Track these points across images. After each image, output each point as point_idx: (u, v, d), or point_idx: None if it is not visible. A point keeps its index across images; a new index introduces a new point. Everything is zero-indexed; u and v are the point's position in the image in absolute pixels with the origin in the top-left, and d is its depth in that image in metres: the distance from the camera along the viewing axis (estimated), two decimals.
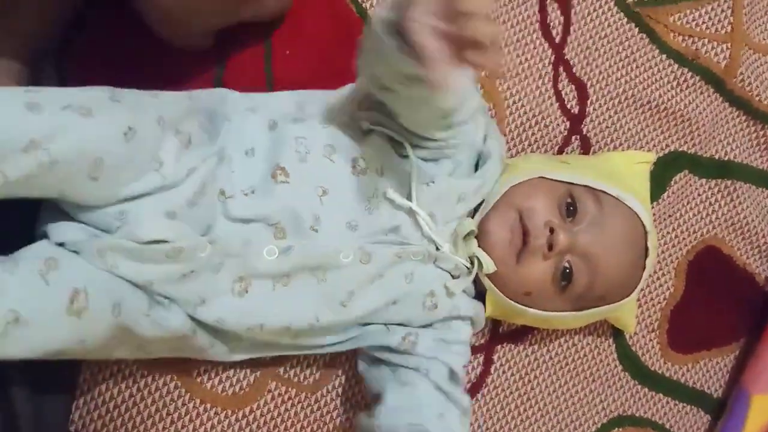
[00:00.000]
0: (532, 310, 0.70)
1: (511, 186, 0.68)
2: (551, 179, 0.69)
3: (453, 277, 0.67)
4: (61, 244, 0.53)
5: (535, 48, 0.82)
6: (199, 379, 0.69)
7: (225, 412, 0.70)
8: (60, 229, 0.54)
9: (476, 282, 0.70)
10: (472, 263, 0.67)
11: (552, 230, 0.65)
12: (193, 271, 0.57)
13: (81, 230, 0.54)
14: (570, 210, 0.68)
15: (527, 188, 0.68)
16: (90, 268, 0.53)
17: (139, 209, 0.54)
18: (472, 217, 0.68)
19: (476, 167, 0.68)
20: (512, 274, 0.67)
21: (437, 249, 0.65)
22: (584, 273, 0.67)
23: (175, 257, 0.55)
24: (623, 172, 0.75)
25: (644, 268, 0.71)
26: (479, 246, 0.66)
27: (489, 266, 0.66)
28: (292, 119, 0.64)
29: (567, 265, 0.67)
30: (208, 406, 0.70)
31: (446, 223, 0.66)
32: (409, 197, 0.63)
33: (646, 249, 0.71)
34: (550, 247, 0.65)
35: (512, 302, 0.69)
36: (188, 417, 0.69)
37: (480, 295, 0.71)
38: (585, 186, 0.69)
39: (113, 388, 0.67)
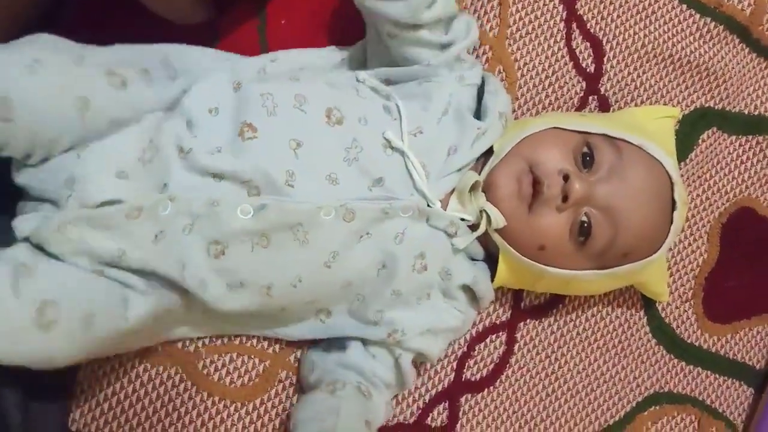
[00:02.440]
0: (549, 268, 0.65)
1: (522, 138, 0.64)
2: (566, 129, 0.65)
3: (448, 235, 0.62)
4: (27, 239, 0.52)
5: (545, 4, 0.78)
6: (205, 371, 0.66)
7: (234, 404, 0.66)
8: (21, 225, 0.53)
9: (487, 249, 0.66)
10: (481, 220, 0.63)
11: (566, 178, 0.61)
12: (162, 231, 0.54)
13: (37, 217, 0.53)
14: (587, 160, 0.63)
15: (539, 139, 0.64)
16: (64, 272, 0.51)
17: (86, 172, 0.52)
18: (480, 173, 0.64)
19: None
20: (524, 227, 0.62)
21: (429, 206, 0.61)
22: (604, 227, 0.63)
23: (136, 217, 0.53)
24: (645, 126, 0.70)
25: (672, 222, 0.66)
26: (488, 200, 0.62)
27: (498, 220, 0.62)
28: (257, 79, 0.61)
29: (585, 218, 0.62)
30: (216, 399, 0.66)
31: (439, 178, 0.62)
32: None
33: (673, 201, 0.66)
34: (565, 198, 0.61)
35: (527, 260, 0.64)
36: (195, 411, 0.65)
37: (491, 262, 0.67)
38: (603, 135, 0.65)
39: (114, 383, 0.64)
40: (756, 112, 0.84)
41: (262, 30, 0.70)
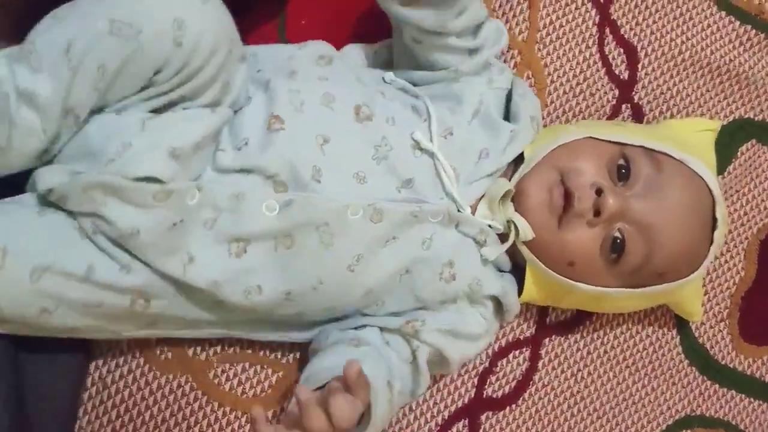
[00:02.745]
0: (579, 284, 0.61)
1: (555, 146, 0.61)
2: (601, 140, 0.62)
3: (477, 243, 0.60)
4: (50, 192, 0.51)
5: (577, 8, 0.75)
6: (216, 381, 0.64)
7: (246, 415, 0.64)
8: (45, 175, 0.51)
9: (514, 260, 0.63)
10: (509, 230, 0.60)
11: (599, 192, 0.58)
12: (182, 220, 0.52)
13: (63, 172, 0.51)
14: (622, 173, 0.60)
15: (573, 148, 0.61)
16: (27, 220, 0.50)
17: (144, 144, 0.51)
18: (510, 180, 0.61)
19: None
20: (553, 241, 0.59)
21: (459, 211, 0.58)
22: (639, 244, 0.60)
23: (163, 201, 0.51)
24: (684, 140, 0.66)
25: (712, 241, 0.62)
26: (516, 210, 0.59)
27: (526, 232, 0.59)
28: (286, 74, 0.59)
29: (618, 235, 0.59)
30: (227, 409, 0.64)
31: (469, 183, 0.60)
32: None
33: (714, 219, 0.62)
34: (597, 213, 0.58)
35: (556, 275, 0.61)
36: (206, 421, 0.63)
37: (518, 273, 0.64)
38: (641, 147, 0.61)
39: (123, 390, 0.62)
40: None
41: (282, 30, 0.68)
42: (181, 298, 0.54)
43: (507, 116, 0.64)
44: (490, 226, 0.60)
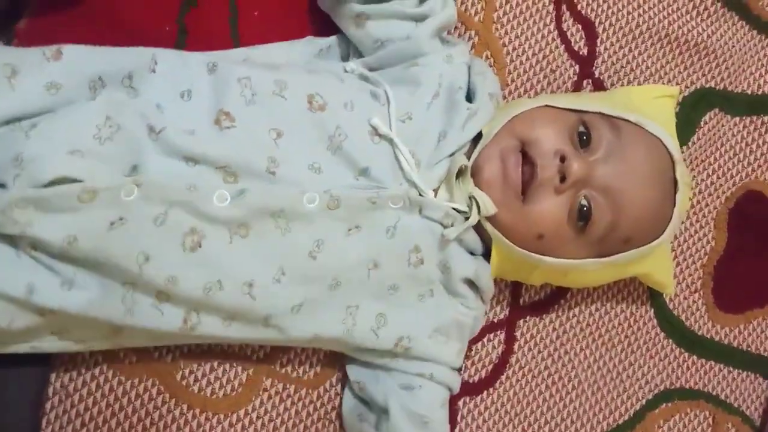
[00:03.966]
0: (546, 258, 0.60)
1: (511, 117, 0.60)
2: (559, 108, 0.61)
3: (444, 227, 0.58)
4: None
5: None
6: (184, 382, 0.62)
7: (217, 416, 0.63)
8: None
9: (485, 241, 0.62)
10: (470, 207, 0.59)
11: (563, 159, 0.57)
12: (122, 218, 0.50)
13: None
14: (583, 140, 0.60)
15: (531, 117, 0.60)
16: None
17: (35, 149, 0.49)
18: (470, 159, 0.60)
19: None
20: (519, 215, 0.58)
21: (420, 195, 0.57)
22: (605, 210, 0.59)
23: (90, 200, 0.49)
24: (643, 106, 0.66)
25: (675, 203, 0.62)
26: (476, 186, 0.58)
27: (487, 206, 0.58)
28: (236, 61, 0.57)
29: (584, 202, 0.59)
30: (197, 411, 0.62)
31: (430, 166, 0.58)
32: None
33: (675, 181, 0.62)
34: (563, 179, 0.57)
35: (522, 250, 0.60)
36: (175, 425, 0.62)
37: (489, 253, 0.63)
38: (599, 113, 0.61)
39: (87, 398, 0.60)
40: (759, 92, 0.81)
41: (234, 22, 0.66)
42: (132, 315, 0.52)
43: (468, 95, 0.63)
44: (455, 209, 0.59)
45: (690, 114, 0.77)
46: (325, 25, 0.66)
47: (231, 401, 0.63)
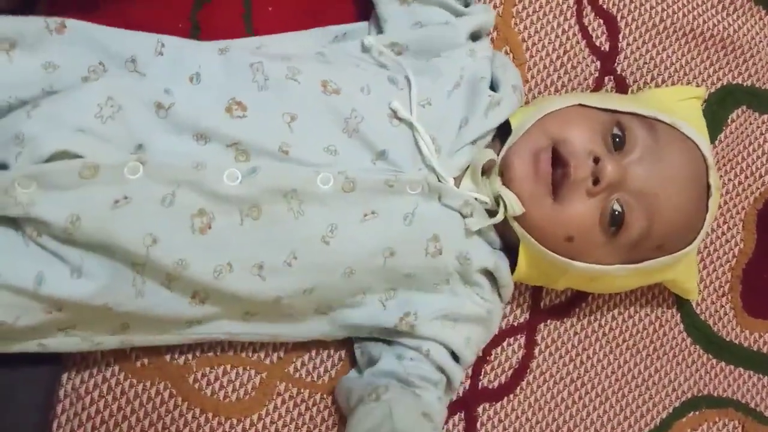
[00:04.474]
0: (576, 263, 0.58)
1: (543, 114, 0.58)
2: (592, 107, 0.59)
3: (463, 216, 0.57)
4: None
5: None
6: (196, 386, 0.61)
7: (229, 420, 0.61)
8: None
9: (506, 240, 0.60)
10: (496, 206, 0.57)
11: (597, 160, 0.55)
12: (126, 197, 0.48)
13: None
14: (617, 141, 0.58)
15: (564, 116, 0.58)
16: None
17: (38, 127, 0.48)
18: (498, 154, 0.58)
19: None
20: (549, 215, 0.56)
21: (439, 182, 0.55)
22: (639, 215, 0.57)
23: (92, 177, 0.47)
24: (671, 108, 0.63)
25: (707, 210, 0.59)
26: (504, 185, 0.56)
27: (514, 206, 0.56)
28: (249, 48, 0.56)
29: (617, 207, 0.57)
30: (210, 415, 0.61)
31: (451, 154, 0.57)
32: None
33: (708, 186, 0.59)
34: (596, 181, 0.55)
35: (551, 253, 0.58)
36: (187, 429, 0.60)
37: (511, 255, 0.61)
38: (633, 114, 0.59)
39: (98, 401, 0.59)
40: None
41: (248, 18, 0.65)
42: (143, 298, 0.51)
43: (492, 85, 0.61)
44: (476, 199, 0.57)
45: (717, 111, 0.75)
46: (341, 20, 0.65)
47: (244, 405, 0.61)
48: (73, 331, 0.52)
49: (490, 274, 0.60)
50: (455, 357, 0.60)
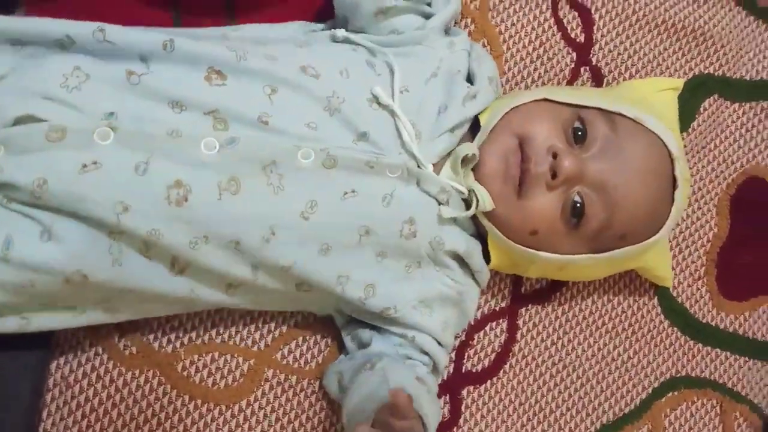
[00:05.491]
0: (540, 253, 0.60)
1: (510, 108, 0.60)
2: (557, 102, 0.61)
3: (439, 203, 0.58)
4: None
5: None
6: (185, 373, 0.62)
7: (218, 407, 0.62)
8: None
9: (479, 227, 0.62)
10: (470, 199, 0.59)
11: (555, 155, 0.57)
12: (95, 162, 0.48)
13: None
14: (578, 135, 0.59)
15: (528, 111, 0.60)
16: None
17: (2, 96, 0.48)
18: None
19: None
20: (514, 211, 0.58)
21: (418, 167, 0.57)
22: (599, 207, 0.59)
23: (59, 140, 0.47)
24: (646, 100, 0.65)
25: (673, 201, 0.61)
26: (476, 179, 0.58)
27: (486, 203, 0.58)
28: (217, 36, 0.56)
29: (578, 198, 0.58)
30: (199, 402, 0.62)
31: (431, 139, 0.58)
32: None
33: (674, 178, 0.61)
34: (554, 175, 0.57)
35: (515, 245, 0.60)
36: (177, 416, 0.61)
37: (483, 242, 0.63)
38: (596, 108, 0.61)
39: (87, 390, 0.60)
40: (758, 77, 0.80)
41: (230, 6, 0.66)
42: (120, 266, 0.50)
43: (468, 77, 0.63)
44: (454, 188, 0.58)
45: (689, 100, 0.77)
46: (325, 10, 0.66)
47: (232, 392, 0.63)
48: (54, 307, 0.52)
49: (461, 259, 0.61)
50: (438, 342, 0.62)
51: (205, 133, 0.50)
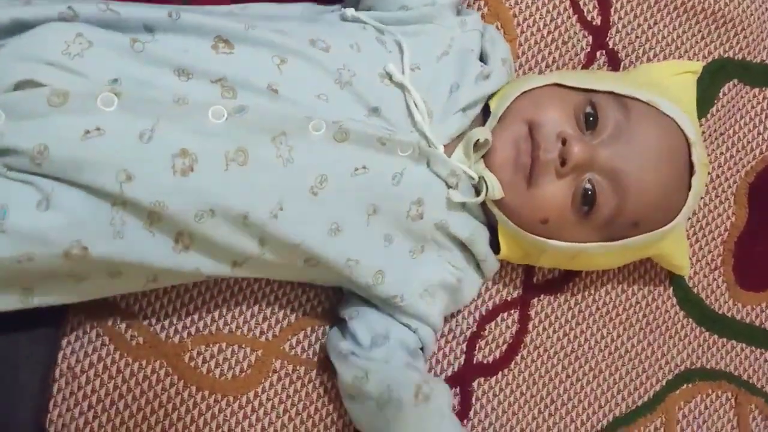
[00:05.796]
0: (551, 242, 0.59)
1: (520, 93, 0.58)
2: (568, 87, 0.59)
3: (448, 186, 0.57)
4: None
5: None
6: (192, 364, 0.61)
7: (226, 398, 0.61)
8: None
9: (489, 216, 0.61)
10: (479, 186, 0.57)
11: (565, 142, 0.55)
12: (98, 128, 0.46)
13: None
14: (590, 121, 0.58)
15: (538, 97, 0.59)
16: None
17: (3, 62, 0.46)
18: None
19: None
20: (524, 199, 0.57)
21: (429, 147, 0.56)
22: (610, 194, 0.57)
23: (60, 105, 0.46)
24: (662, 83, 0.63)
25: (689, 187, 0.59)
26: (486, 167, 0.57)
27: (495, 191, 0.56)
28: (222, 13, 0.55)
29: (588, 185, 0.57)
30: (206, 393, 0.61)
31: (443, 119, 0.57)
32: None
33: (691, 164, 0.59)
34: (563, 162, 0.55)
35: (525, 233, 0.59)
36: (184, 407, 0.61)
37: (494, 232, 0.61)
38: (609, 93, 0.59)
39: (94, 380, 0.59)
40: None
41: None
42: (122, 239, 0.48)
43: (481, 58, 0.62)
44: (464, 173, 0.57)
45: (708, 85, 0.75)
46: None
47: (240, 383, 0.62)
48: (56, 280, 0.50)
49: (466, 247, 0.60)
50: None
51: (213, 101, 0.49)
